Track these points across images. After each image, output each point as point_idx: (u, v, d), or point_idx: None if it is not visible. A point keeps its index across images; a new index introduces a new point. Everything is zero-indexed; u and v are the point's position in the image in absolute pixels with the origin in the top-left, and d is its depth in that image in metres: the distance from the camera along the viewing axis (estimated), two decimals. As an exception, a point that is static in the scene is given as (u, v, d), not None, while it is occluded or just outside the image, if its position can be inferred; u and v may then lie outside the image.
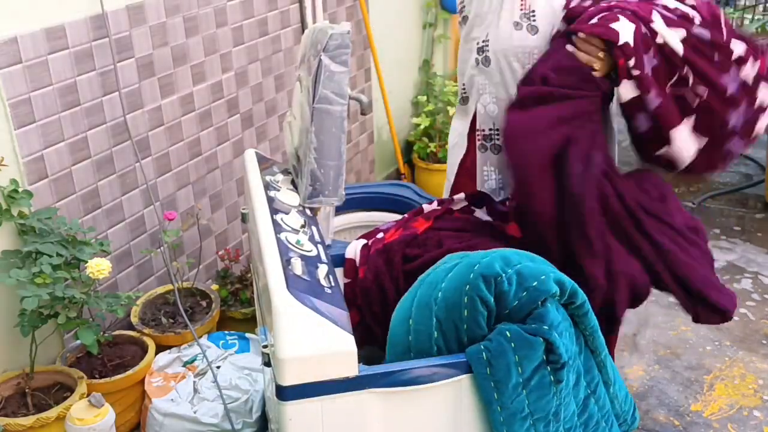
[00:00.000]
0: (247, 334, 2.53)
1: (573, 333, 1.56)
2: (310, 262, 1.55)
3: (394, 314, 1.63)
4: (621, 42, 1.67)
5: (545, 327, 1.46)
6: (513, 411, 1.44)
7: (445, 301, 1.52)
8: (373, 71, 3.77)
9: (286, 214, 1.72)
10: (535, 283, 1.48)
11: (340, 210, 2.09)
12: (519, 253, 1.59)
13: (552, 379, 1.47)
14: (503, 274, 1.49)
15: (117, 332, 2.44)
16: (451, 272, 1.56)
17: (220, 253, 2.88)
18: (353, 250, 1.88)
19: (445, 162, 4.00)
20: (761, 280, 3.38)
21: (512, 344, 1.45)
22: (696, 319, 1.94)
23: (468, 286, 1.50)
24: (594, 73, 1.74)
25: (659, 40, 1.70)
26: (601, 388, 1.65)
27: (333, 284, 1.52)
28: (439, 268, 1.62)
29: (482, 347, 1.47)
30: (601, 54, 1.72)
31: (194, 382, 2.32)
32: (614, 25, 1.69)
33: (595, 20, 1.73)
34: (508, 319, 1.50)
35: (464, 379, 1.48)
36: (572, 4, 1.84)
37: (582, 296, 1.55)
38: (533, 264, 1.54)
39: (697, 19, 1.75)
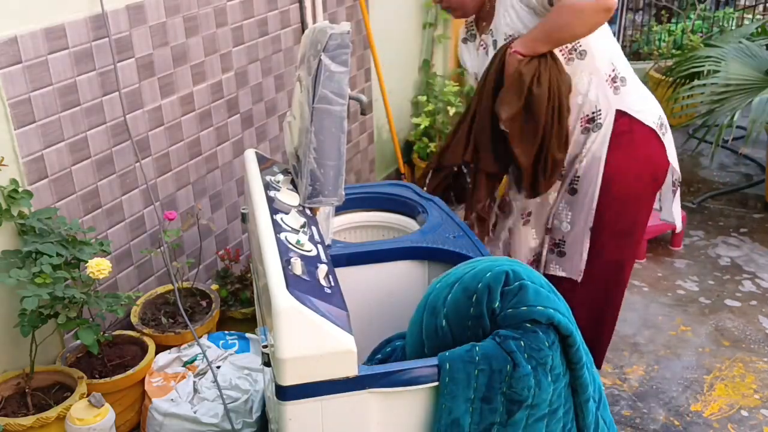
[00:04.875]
0: (247, 334, 2.54)
1: (556, 370, 1.51)
2: (310, 262, 1.55)
3: (412, 317, 1.64)
4: None
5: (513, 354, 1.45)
6: (457, 416, 1.44)
7: (455, 306, 1.54)
8: (373, 71, 3.77)
9: (286, 214, 1.72)
10: (533, 306, 1.49)
11: (340, 210, 2.09)
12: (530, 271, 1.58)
13: (502, 409, 1.45)
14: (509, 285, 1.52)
15: (117, 332, 2.44)
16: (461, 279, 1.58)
17: (220, 253, 2.88)
18: None
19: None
20: (762, 279, 3.38)
21: (476, 358, 1.44)
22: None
23: (475, 296, 1.51)
24: None
25: None
26: None
27: (333, 284, 1.52)
28: (450, 274, 1.62)
29: (447, 355, 1.46)
30: None
31: (194, 382, 2.32)
32: None
33: None
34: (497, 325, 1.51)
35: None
36: None
37: (571, 330, 1.51)
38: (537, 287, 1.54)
39: None
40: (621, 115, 2.20)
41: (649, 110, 2.26)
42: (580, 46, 2.13)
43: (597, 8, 1.97)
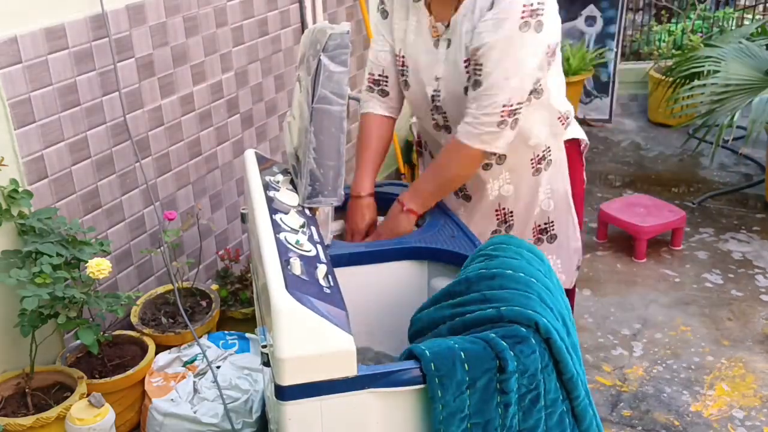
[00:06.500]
0: (247, 334, 2.54)
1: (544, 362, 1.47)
2: (309, 262, 1.55)
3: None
4: None
5: (493, 335, 1.43)
6: (453, 410, 1.43)
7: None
8: (373, 71, 3.76)
9: (286, 214, 1.72)
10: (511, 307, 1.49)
11: (339, 210, 2.09)
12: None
13: (498, 386, 1.43)
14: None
15: (117, 332, 2.44)
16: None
17: (220, 253, 2.88)
18: None
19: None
20: (760, 280, 3.38)
21: (456, 345, 1.43)
22: None
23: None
24: None
25: None
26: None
27: (332, 284, 1.52)
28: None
29: (423, 347, 1.43)
30: None
31: (194, 382, 2.32)
32: None
33: None
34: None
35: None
36: None
37: (553, 333, 1.47)
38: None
39: None
40: (568, 144, 2.11)
41: (579, 129, 2.16)
42: (540, 85, 1.91)
43: (484, 154, 1.89)
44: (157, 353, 2.39)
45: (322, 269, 1.54)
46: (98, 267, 2.05)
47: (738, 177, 4.42)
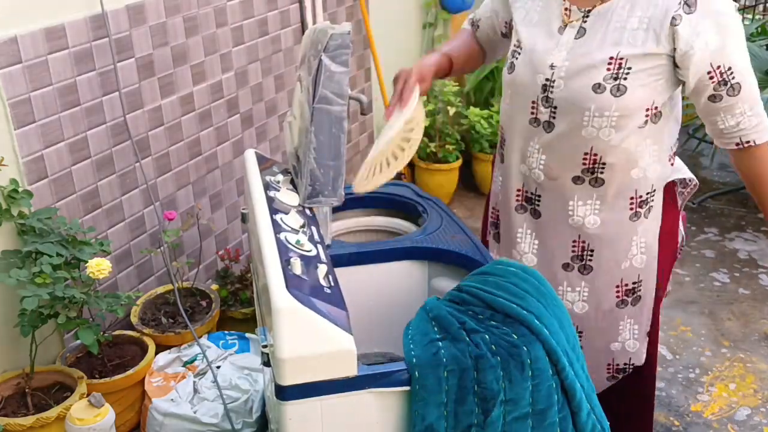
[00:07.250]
0: (247, 334, 2.54)
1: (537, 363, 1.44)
2: (310, 262, 1.55)
3: None
4: None
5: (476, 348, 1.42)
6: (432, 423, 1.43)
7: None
8: (373, 71, 3.77)
9: (286, 214, 1.72)
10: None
11: (339, 210, 2.09)
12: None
13: (478, 410, 1.42)
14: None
15: (117, 332, 2.44)
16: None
17: (220, 253, 2.88)
18: None
19: (444, 162, 4.03)
20: (764, 279, 3.38)
21: (444, 359, 1.42)
22: None
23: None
24: None
25: None
26: None
27: (332, 284, 1.52)
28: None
29: (414, 362, 1.43)
30: None
31: (194, 382, 2.32)
32: None
33: None
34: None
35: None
36: None
37: (512, 309, 1.48)
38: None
39: None
40: (667, 189, 1.82)
41: (681, 167, 1.88)
42: (656, 107, 1.70)
43: None
44: (157, 353, 2.39)
45: (322, 269, 1.54)
46: (98, 267, 2.05)
47: (738, 177, 4.41)
